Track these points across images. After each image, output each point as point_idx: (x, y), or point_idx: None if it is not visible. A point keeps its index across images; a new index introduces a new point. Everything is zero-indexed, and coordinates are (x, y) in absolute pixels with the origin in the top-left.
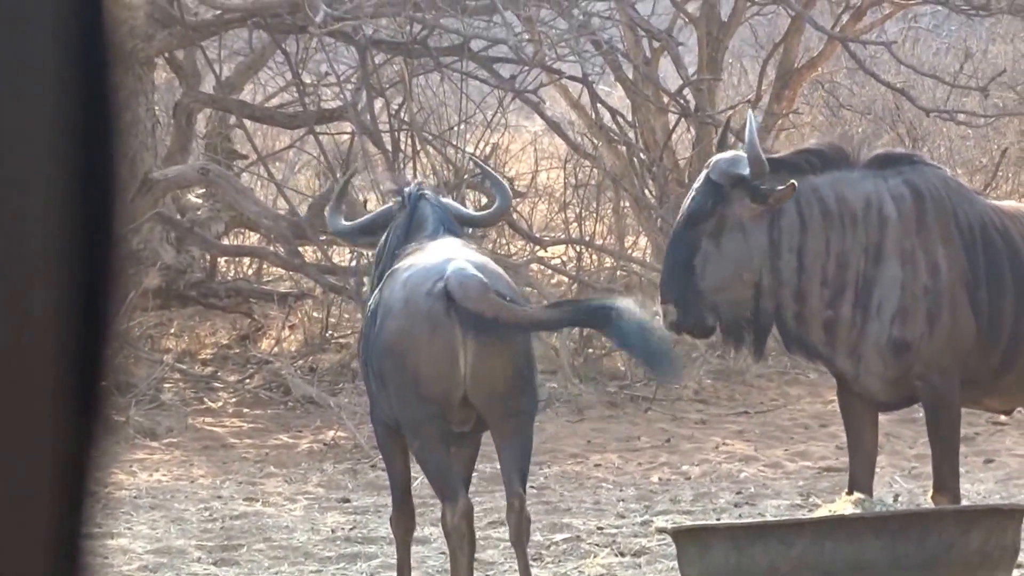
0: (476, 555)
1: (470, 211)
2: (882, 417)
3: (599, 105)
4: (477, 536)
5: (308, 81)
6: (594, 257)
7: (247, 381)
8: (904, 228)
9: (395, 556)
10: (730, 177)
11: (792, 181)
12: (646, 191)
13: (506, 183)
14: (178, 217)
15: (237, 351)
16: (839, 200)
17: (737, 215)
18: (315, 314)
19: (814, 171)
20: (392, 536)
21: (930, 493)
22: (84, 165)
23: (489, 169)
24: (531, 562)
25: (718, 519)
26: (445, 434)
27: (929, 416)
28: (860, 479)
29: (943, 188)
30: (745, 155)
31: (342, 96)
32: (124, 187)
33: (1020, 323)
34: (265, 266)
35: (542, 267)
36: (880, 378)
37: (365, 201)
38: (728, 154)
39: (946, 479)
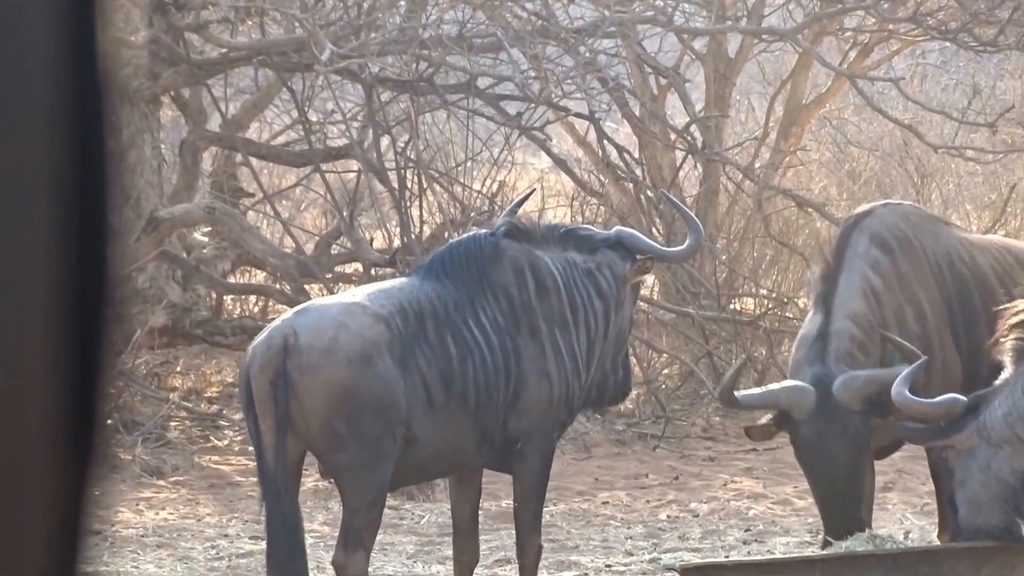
0: None
1: (660, 247)
2: (894, 454)
3: (606, 142)
4: (484, 573)
5: (314, 119)
6: None
7: None
8: (889, 291)
9: None
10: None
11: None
12: (653, 229)
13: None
14: (184, 255)
15: None
16: None
17: None
18: None
19: None
20: (398, 575)
21: (935, 532)
22: (82, 205)
23: (682, 205)
24: None
25: (727, 556)
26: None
27: (933, 456)
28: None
29: (907, 227)
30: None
31: (348, 134)
32: (128, 226)
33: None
34: (271, 304)
35: None
36: (883, 430)
37: (372, 240)
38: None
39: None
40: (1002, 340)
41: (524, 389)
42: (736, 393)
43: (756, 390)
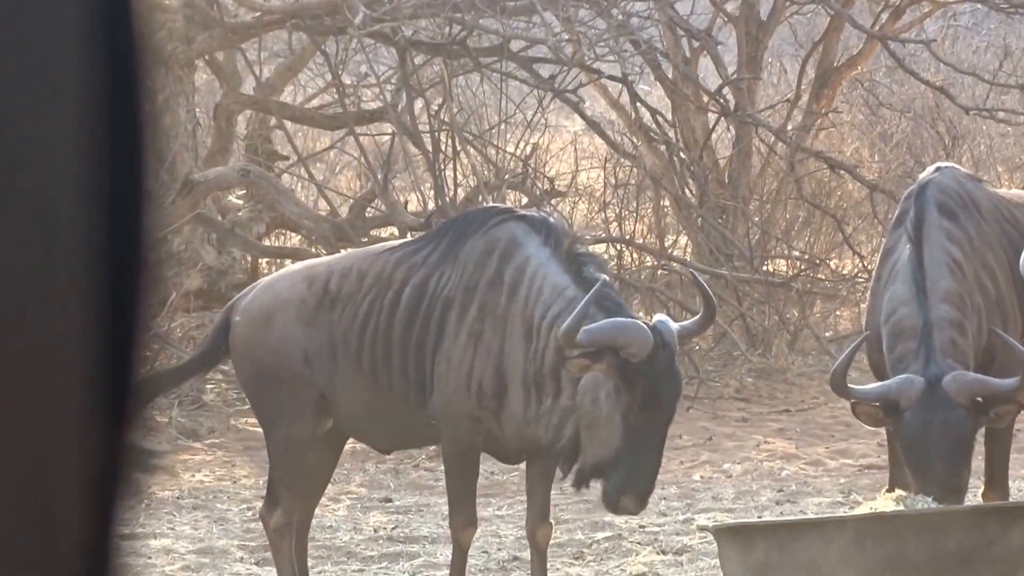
0: (516, 554)
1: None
2: None
3: (639, 104)
4: (515, 538)
5: (348, 82)
6: (635, 256)
7: None
8: (967, 260)
9: (437, 555)
10: None
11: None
12: (686, 190)
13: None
14: (219, 218)
15: None
16: None
17: None
18: None
19: None
20: (434, 536)
21: (980, 491)
22: (116, 167)
23: (701, 280)
24: (573, 560)
25: (759, 517)
26: None
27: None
28: (900, 476)
29: (962, 190)
30: None
31: (382, 97)
32: (162, 189)
33: None
34: None
35: None
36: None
37: (406, 202)
38: None
39: (999, 477)
40: None
41: (436, 366)
42: (851, 387)
43: (871, 385)
